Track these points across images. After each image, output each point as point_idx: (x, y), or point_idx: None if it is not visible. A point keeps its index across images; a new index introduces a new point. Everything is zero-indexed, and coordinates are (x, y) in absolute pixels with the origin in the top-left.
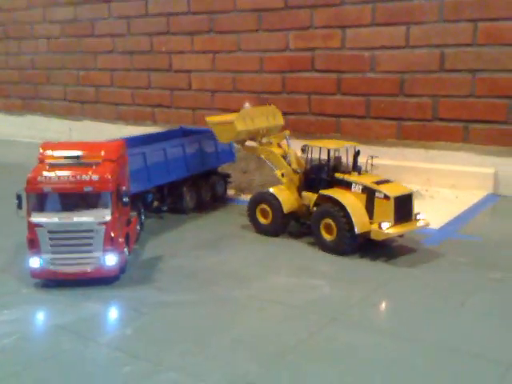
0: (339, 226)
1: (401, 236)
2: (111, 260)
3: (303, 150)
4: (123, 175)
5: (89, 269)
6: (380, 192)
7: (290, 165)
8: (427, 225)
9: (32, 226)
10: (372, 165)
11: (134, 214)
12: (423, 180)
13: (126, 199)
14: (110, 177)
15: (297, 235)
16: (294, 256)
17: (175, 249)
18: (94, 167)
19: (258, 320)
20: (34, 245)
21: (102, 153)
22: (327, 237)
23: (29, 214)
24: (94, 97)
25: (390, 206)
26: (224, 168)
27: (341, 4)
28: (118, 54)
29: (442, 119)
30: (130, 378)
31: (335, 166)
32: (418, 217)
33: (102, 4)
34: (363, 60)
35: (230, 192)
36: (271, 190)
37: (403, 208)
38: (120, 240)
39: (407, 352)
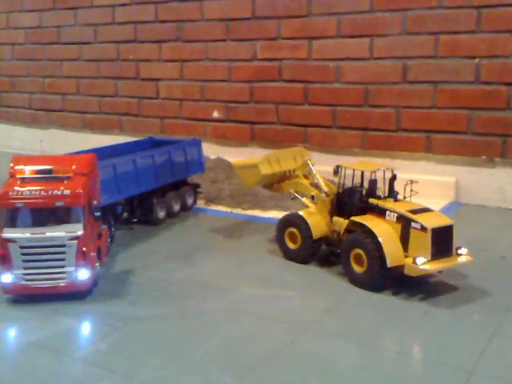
0: (370, 258)
1: (439, 272)
2: (84, 274)
3: (335, 171)
4: (94, 189)
5: (61, 283)
6: (416, 222)
7: (319, 188)
8: (469, 261)
9: (4, 242)
10: (411, 190)
11: (104, 227)
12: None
13: (97, 213)
14: (81, 191)
15: (265, 247)
16: (265, 267)
17: (147, 261)
18: (65, 181)
19: (231, 331)
20: (5, 260)
21: (74, 166)
22: (357, 268)
23: (0, 230)
24: (60, 105)
25: (427, 238)
26: (193, 178)
27: (307, 15)
28: (84, 61)
29: (405, 130)
30: None
31: (370, 190)
32: (459, 251)
33: (68, 11)
34: (329, 71)
35: (200, 202)
36: (301, 212)
37: (442, 241)
38: (92, 254)
39: (376, 360)
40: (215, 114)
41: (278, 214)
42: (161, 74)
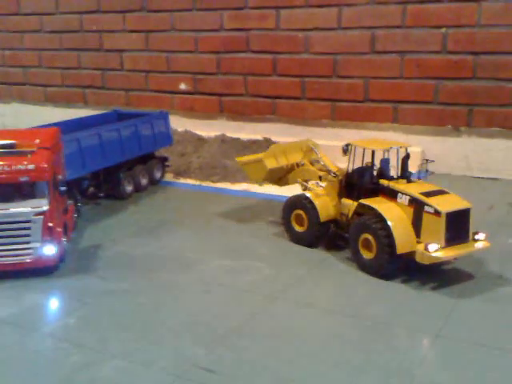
0: (379, 244)
1: (455, 258)
2: (50, 250)
3: (345, 150)
4: (59, 163)
5: (27, 259)
6: (430, 206)
7: (328, 170)
8: (487, 247)
9: None
10: (427, 171)
11: (70, 202)
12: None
13: (63, 188)
14: (46, 166)
15: (235, 219)
16: (235, 239)
17: (114, 236)
18: (29, 156)
19: (202, 303)
20: None
21: (37, 141)
22: (366, 254)
23: None
24: (21, 78)
25: (441, 223)
26: (161, 152)
27: None
28: (46, 33)
29: (372, 100)
30: (76, 367)
31: (381, 170)
32: (475, 237)
33: None
34: (297, 41)
35: (169, 176)
36: (308, 194)
37: (458, 226)
38: (58, 229)
39: (344, 327)
40: (182, 86)
41: (247, 187)
42: (125, 45)
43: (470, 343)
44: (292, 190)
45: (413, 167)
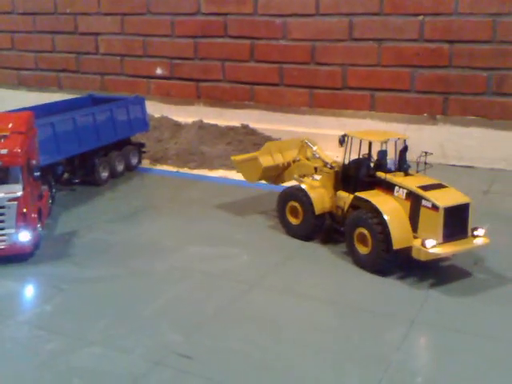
0: (374, 238)
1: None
2: (25, 236)
3: (341, 141)
4: (33, 148)
5: (1, 246)
6: (427, 200)
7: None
8: (486, 244)
9: None
10: (426, 163)
11: (44, 187)
12: (334, 147)
13: (37, 173)
14: (19, 150)
15: (213, 206)
16: (212, 226)
17: (90, 222)
18: (1, 141)
19: (179, 290)
20: None
21: (10, 125)
22: (361, 249)
23: None
24: None
25: (439, 218)
26: (138, 137)
27: None
28: (18, 14)
29: (350, 88)
30: (53, 354)
31: (378, 162)
32: (474, 233)
33: None
34: (275, 27)
35: (145, 162)
36: (303, 185)
37: (456, 221)
38: (33, 215)
39: (322, 313)
40: (158, 71)
41: (225, 173)
42: (100, 29)
43: (445, 329)
44: None
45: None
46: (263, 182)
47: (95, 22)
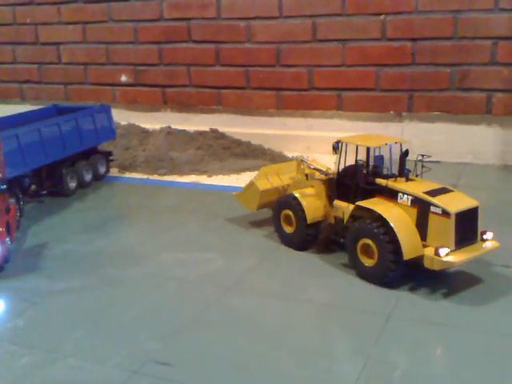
0: (381, 249)
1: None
2: None
3: (335, 147)
4: None
5: None
6: (437, 206)
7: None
8: (496, 247)
9: None
10: (423, 167)
11: (12, 200)
12: (304, 148)
13: (3, 186)
14: None
15: (185, 212)
16: (185, 232)
17: (60, 234)
18: None
19: (155, 297)
20: None
21: None
22: (366, 261)
23: None
24: None
25: (451, 224)
26: (105, 145)
27: None
28: None
29: (317, 88)
30: (28, 369)
31: (375, 168)
32: (483, 237)
33: None
34: (240, 30)
35: (114, 170)
36: (296, 194)
37: (467, 227)
38: (1, 229)
39: (299, 312)
40: (123, 78)
41: (196, 179)
42: (62, 38)
43: (422, 323)
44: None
45: None
46: (267, 209)
47: (56, 32)
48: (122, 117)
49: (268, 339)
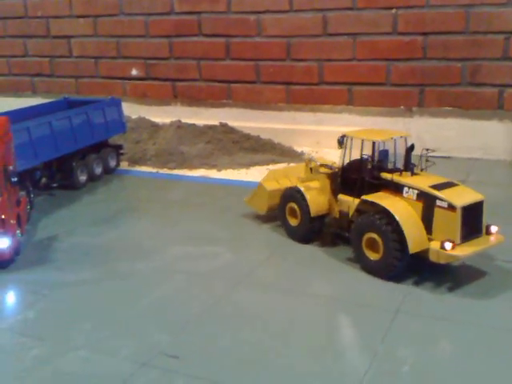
0: (387, 243)
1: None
2: (4, 243)
3: (340, 142)
4: (9, 153)
5: None
6: (443, 200)
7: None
8: (501, 241)
9: None
10: (427, 161)
11: (22, 193)
12: (313, 142)
13: (14, 179)
14: None
15: (194, 206)
16: (194, 225)
17: (70, 227)
18: None
19: (163, 291)
20: None
21: None
22: (371, 255)
23: None
24: None
25: (457, 218)
26: (115, 139)
27: None
28: None
29: (327, 83)
30: (38, 360)
31: (381, 163)
32: (488, 230)
33: None
34: (250, 24)
35: (124, 164)
36: (300, 187)
37: (472, 220)
38: (12, 222)
39: (307, 308)
40: (134, 72)
41: (205, 173)
42: (73, 31)
43: (429, 318)
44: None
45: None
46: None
47: (68, 25)
48: (132, 110)
49: (275, 334)
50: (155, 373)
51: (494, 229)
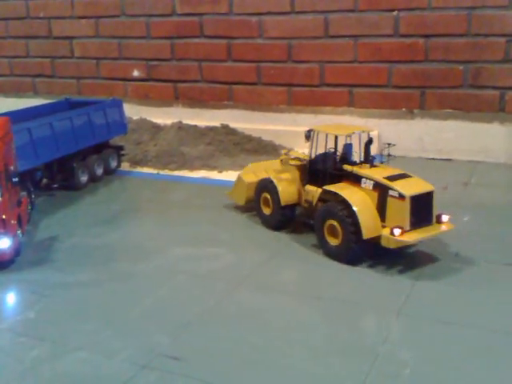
0: (345, 230)
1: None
2: (4, 243)
3: (307, 136)
4: (10, 154)
5: None
6: (394, 190)
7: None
8: (450, 229)
9: None
10: (389, 155)
11: (23, 193)
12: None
13: (15, 179)
14: None
15: (195, 207)
16: (195, 227)
17: (71, 227)
18: None
19: (164, 292)
20: None
21: None
22: (332, 241)
23: None
24: None
25: (406, 206)
26: (116, 140)
27: None
28: None
29: (328, 84)
30: (38, 361)
31: (344, 155)
32: (439, 219)
33: None
34: (251, 26)
35: (125, 165)
36: (272, 177)
37: (422, 209)
38: (12, 222)
39: (308, 309)
40: (135, 73)
41: (206, 174)
42: (75, 32)
43: (432, 320)
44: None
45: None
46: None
47: (69, 26)
48: (133, 111)
49: (277, 335)
50: (155, 374)
51: (445, 218)
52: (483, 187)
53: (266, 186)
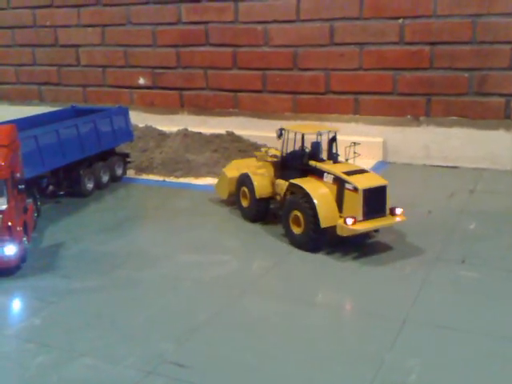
0: (306, 219)
1: (376, 231)
2: (10, 250)
3: (279, 134)
4: (16, 161)
5: None
6: (349, 183)
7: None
8: (402, 220)
9: None
10: (355, 153)
11: (29, 200)
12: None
13: (21, 186)
14: (3, 163)
15: (201, 214)
16: (200, 234)
17: (77, 234)
18: None
19: (170, 299)
20: None
21: None
22: (295, 230)
23: None
24: None
25: (359, 198)
26: (122, 147)
27: None
28: None
29: (334, 92)
30: (43, 368)
31: (313, 152)
32: (393, 212)
33: None
34: (257, 34)
35: (131, 172)
36: (249, 172)
37: (374, 201)
38: (18, 229)
39: (314, 316)
40: (141, 81)
41: (212, 181)
42: (81, 40)
43: (438, 327)
44: None
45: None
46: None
47: (75, 34)
48: (139, 119)
49: (282, 342)
50: (161, 381)
51: (398, 210)
52: (489, 194)
53: (244, 180)
